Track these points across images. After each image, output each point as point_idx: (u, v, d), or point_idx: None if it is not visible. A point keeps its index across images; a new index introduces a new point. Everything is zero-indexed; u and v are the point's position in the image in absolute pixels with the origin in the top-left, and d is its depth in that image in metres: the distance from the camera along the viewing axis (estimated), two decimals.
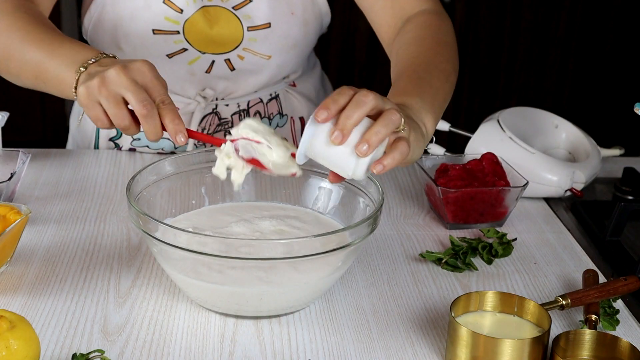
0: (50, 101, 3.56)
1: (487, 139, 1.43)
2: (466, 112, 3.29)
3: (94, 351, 0.98)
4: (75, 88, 1.12)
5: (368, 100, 0.98)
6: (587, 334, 0.99)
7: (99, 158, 1.53)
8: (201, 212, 1.21)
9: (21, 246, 1.20)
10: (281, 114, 1.59)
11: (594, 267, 1.23)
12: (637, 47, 3.24)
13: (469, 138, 1.46)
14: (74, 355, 0.97)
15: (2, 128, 1.42)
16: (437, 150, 1.47)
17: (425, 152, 1.48)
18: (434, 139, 1.48)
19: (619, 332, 1.07)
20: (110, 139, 1.57)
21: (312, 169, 1.22)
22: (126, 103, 1.07)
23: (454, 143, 1.64)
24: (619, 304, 1.13)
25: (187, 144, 1.50)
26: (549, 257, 1.26)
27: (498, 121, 1.44)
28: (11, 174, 1.28)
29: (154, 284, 1.14)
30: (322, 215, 1.21)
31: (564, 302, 1.05)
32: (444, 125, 1.49)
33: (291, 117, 1.60)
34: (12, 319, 0.91)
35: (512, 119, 1.46)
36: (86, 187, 1.42)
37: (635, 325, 1.10)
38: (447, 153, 1.46)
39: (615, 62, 3.26)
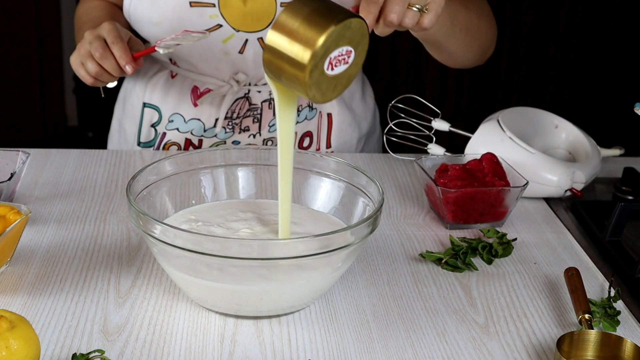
0: (50, 101, 3.56)
1: (487, 139, 1.43)
2: (466, 112, 3.29)
3: (94, 351, 0.98)
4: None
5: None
6: (591, 334, 0.99)
7: (99, 158, 1.53)
8: (201, 207, 1.21)
9: (21, 246, 1.20)
10: (311, 107, 1.60)
11: (594, 267, 1.23)
12: (637, 47, 3.24)
13: (469, 138, 1.46)
14: (74, 355, 0.97)
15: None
16: (437, 150, 1.47)
17: (425, 152, 1.48)
18: (434, 138, 1.49)
19: (619, 332, 1.07)
20: (152, 125, 1.62)
21: (312, 169, 1.22)
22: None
23: (454, 143, 1.64)
24: (619, 305, 1.13)
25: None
26: (549, 257, 1.26)
27: (498, 121, 1.44)
28: (11, 174, 1.28)
29: (154, 284, 1.14)
30: (321, 212, 1.21)
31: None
32: (444, 125, 1.49)
33: (320, 112, 1.61)
34: (12, 319, 0.91)
35: (512, 119, 1.46)
36: (86, 187, 1.42)
37: (635, 326, 1.10)
38: (447, 153, 1.46)
39: (615, 62, 3.26)
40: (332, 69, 1.01)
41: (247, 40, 1.51)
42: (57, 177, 1.45)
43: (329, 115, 1.61)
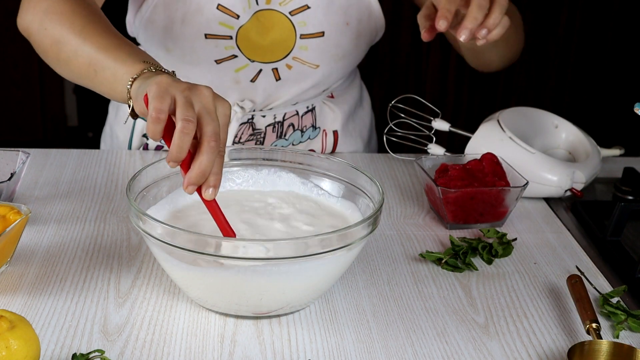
0: (50, 101, 3.56)
1: (487, 139, 1.43)
2: (466, 112, 3.29)
3: (94, 351, 0.98)
4: (134, 79, 1.09)
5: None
6: (603, 344, 0.98)
7: (99, 158, 1.53)
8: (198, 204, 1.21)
9: (21, 246, 1.20)
10: (314, 127, 1.58)
11: (594, 267, 1.23)
12: (637, 47, 3.24)
13: (469, 138, 1.46)
14: (74, 355, 0.97)
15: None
16: (437, 150, 1.47)
17: (425, 152, 1.48)
18: (434, 139, 1.49)
19: (622, 337, 1.07)
20: (144, 135, 1.58)
21: (311, 168, 1.22)
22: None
23: (454, 143, 1.64)
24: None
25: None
26: (549, 257, 1.26)
27: (498, 121, 1.44)
28: (11, 174, 1.28)
29: (154, 284, 1.14)
30: (325, 203, 1.20)
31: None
32: (444, 125, 1.49)
33: (324, 130, 1.59)
34: (12, 319, 0.91)
35: (512, 119, 1.46)
36: (86, 187, 1.42)
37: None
38: (447, 153, 1.46)
39: (615, 62, 3.26)
40: None
41: (260, 70, 1.48)
42: (57, 177, 1.45)
43: (335, 133, 1.60)
